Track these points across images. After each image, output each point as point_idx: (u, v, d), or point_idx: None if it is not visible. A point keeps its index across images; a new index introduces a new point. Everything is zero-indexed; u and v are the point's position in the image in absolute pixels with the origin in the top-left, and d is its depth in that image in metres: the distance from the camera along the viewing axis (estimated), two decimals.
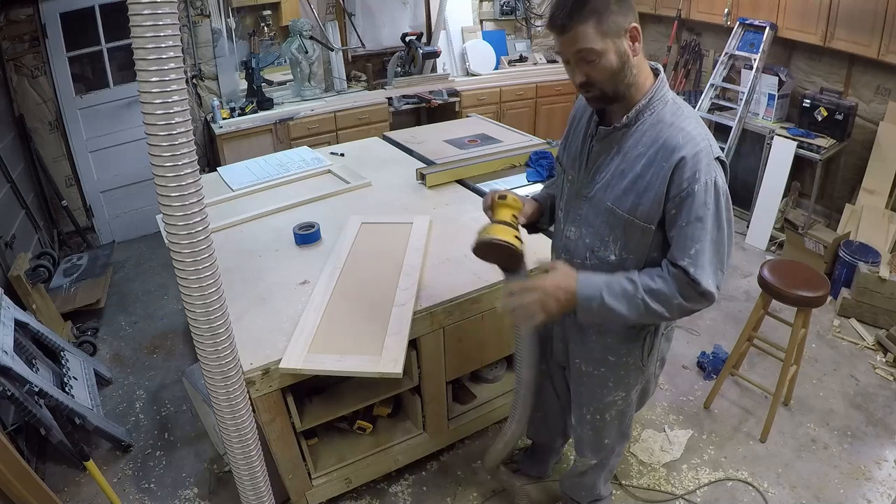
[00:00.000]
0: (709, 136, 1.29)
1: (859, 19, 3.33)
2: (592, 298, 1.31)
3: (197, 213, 1.16)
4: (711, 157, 1.26)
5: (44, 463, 2.38)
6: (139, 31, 1.00)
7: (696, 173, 1.23)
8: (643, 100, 1.30)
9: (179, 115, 1.07)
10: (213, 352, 1.31)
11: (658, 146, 1.28)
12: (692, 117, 1.31)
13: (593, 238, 1.43)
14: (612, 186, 1.36)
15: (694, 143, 1.25)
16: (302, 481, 2.01)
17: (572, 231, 1.48)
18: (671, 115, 1.29)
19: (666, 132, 1.27)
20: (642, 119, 1.31)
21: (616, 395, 1.61)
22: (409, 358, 1.90)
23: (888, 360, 2.86)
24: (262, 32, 4.40)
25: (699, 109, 4.20)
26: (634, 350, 1.53)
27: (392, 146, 3.38)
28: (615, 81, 1.25)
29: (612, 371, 1.57)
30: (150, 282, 3.76)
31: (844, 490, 2.22)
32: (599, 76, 1.24)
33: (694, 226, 1.25)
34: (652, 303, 1.30)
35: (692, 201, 1.24)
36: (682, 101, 1.35)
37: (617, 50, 1.22)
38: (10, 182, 3.38)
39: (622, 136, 1.34)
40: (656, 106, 1.30)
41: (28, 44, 3.66)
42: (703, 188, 1.24)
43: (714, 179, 1.25)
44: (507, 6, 5.29)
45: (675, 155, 1.24)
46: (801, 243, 3.59)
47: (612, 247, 1.40)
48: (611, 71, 1.23)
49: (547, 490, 2.23)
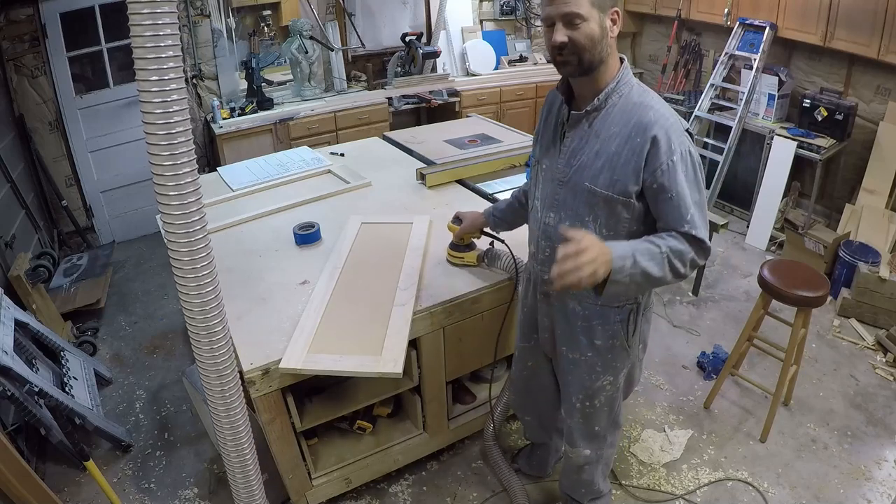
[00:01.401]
0: (674, 113, 1.40)
1: (859, 19, 3.33)
2: (625, 258, 1.30)
3: (195, 212, 1.16)
4: (681, 129, 1.37)
5: (44, 463, 2.38)
6: (138, 31, 1.00)
7: (671, 146, 1.33)
8: (611, 83, 1.39)
9: (178, 115, 1.08)
10: (209, 351, 1.31)
11: (631, 125, 1.37)
12: (656, 97, 1.41)
13: (573, 220, 1.49)
14: (588, 167, 1.43)
15: (664, 118, 1.35)
16: (302, 481, 2.01)
17: (551, 217, 1.53)
18: (638, 97, 1.40)
19: (637, 112, 1.37)
20: (611, 102, 1.40)
21: (604, 380, 1.65)
22: (409, 358, 1.90)
23: (888, 360, 2.86)
24: (262, 32, 4.40)
25: (699, 109, 4.20)
26: (619, 332, 1.57)
27: (392, 146, 3.38)
28: (591, 50, 1.33)
29: (600, 356, 1.61)
30: (150, 282, 3.76)
31: (844, 490, 2.22)
32: (580, 39, 1.32)
33: (681, 195, 1.35)
34: (675, 259, 1.35)
35: (674, 172, 1.34)
36: (645, 85, 1.46)
37: (600, 22, 1.32)
38: (10, 182, 3.39)
39: (593, 120, 1.43)
40: (623, 89, 1.40)
41: (28, 44, 3.66)
42: (680, 158, 1.34)
43: (688, 149, 1.36)
44: (507, 6, 5.29)
45: (649, 132, 1.34)
46: (801, 243, 3.59)
47: (593, 226, 1.46)
48: (590, 37, 1.32)
49: (547, 490, 2.23)
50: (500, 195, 2.61)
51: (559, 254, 1.25)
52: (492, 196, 2.61)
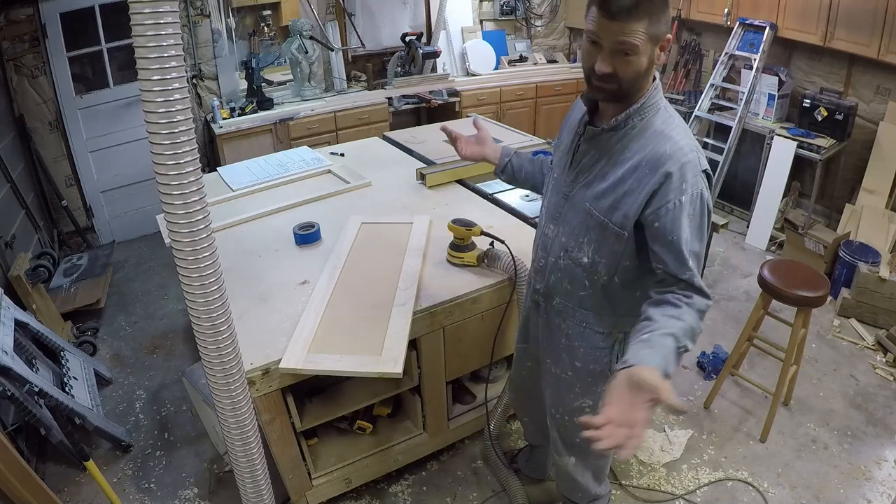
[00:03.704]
0: (697, 148, 1.28)
1: (859, 19, 3.33)
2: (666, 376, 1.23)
3: (199, 212, 1.16)
4: (698, 169, 1.25)
5: (44, 463, 2.38)
6: (140, 31, 1.00)
7: (684, 184, 1.23)
8: (635, 104, 1.28)
9: (181, 114, 1.07)
10: (215, 349, 1.31)
11: (644, 154, 1.27)
12: (681, 127, 1.30)
13: (568, 237, 1.44)
14: (592, 187, 1.36)
15: (682, 153, 1.24)
16: (302, 481, 2.01)
17: (551, 228, 1.50)
18: (661, 123, 1.29)
19: (654, 140, 1.27)
20: (631, 123, 1.30)
21: (583, 402, 1.59)
22: (409, 358, 1.90)
23: (888, 360, 2.86)
24: (262, 32, 4.40)
25: (699, 109, 4.20)
26: (601, 358, 1.51)
27: (392, 146, 3.38)
28: (635, 81, 1.25)
29: (579, 377, 1.56)
30: (150, 282, 3.76)
31: (844, 490, 2.22)
32: (627, 72, 1.22)
33: (682, 240, 1.25)
34: (690, 340, 1.24)
35: (679, 214, 1.24)
36: (673, 109, 1.35)
37: (650, 54, 1.22)
38: (10, 182, 3.38)
39: (609, 139, 1.33)
40: (647, 112, 1.29)
41: (28, 44, 3.66)
42: (689, 200, 1.24)
43: (700, 192, 1.25)
44: (507, 6, 5.29)
45: (662, 166, 1.24)
46: (801, 243, 3.59)
47: (586, 248, 1.40)
48: (638, 71, 1.22)
49: (547, 490, 2.23)
50: (501, 195, 2.62)
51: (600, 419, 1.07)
52: (492, 196, 2.61)
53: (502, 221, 2.36)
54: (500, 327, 1.96)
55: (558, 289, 1.51)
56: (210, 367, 1.34)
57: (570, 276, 1.47)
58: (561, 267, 1.47)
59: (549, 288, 1.54)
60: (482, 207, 2.54)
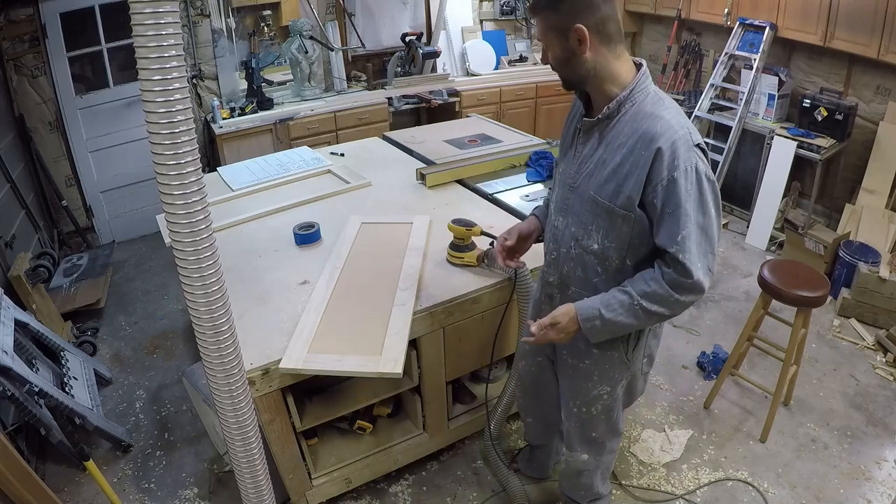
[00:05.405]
0: (688, 125, 1.32)
1: (859, 19, 3.33)
2: (594, 318, 1.41)
3: (199, 212, 1.16)
4: (690, 143, 1.29)
5: (44, 463, 2.38)
6: (141, 31, 1.00)
7: (675, 160, 1.27)
8: (624, 91, 1.34)
9: (181, 113, 1.07)
10: (216, 349, 1.30)
11: (637, 135, 1.32)
12: (672, 107, 1.34)
13: (577, 227, 1.48)
14: (594, 176, 1.41)
15: (672, 130, 1.28)
16: (302, 481, 2.01)
17: (560, 220, 1.54)
18: (651, 106, 1.33)
19: (645, 122, 1.32)
20: (623, 110, 1.35)
21: (601, 389, 1.64)
22: (409, 358, 1.90)
23: (888, 360, 2.86)
24: (262, 32, 4.40)
25: (699, 109, 4.20)
26: (618, 344, 1.55)
27: (392, 146, 3.38)
28: (565, 70, 1.37)
29: (597, 364, 1.60)
30: (150, 282, 3.76)
31: (844, 490, 2.22)
32: (551, 62, 1.38)
33: (678, 213, 1.29)
34: (650, 305, 1.35)
35: (674, 188, 1.28)
36: (664, 93, 1.39)
37: (562, 45, 1.33)
38: (10, 182, 3.38)
39: (605, 127, 1.39)
40: (637, 97, 1.35)
41: (28, 44, 3.66)
42: (684, 174, 1.27)
43: (694, 165, 1.28)
44: (507, 6, 5.29)
45: (654, 144, 1.28)
46: (801, 243, 3.59)
47: (595, 235, 1.44)
48: (557, 59, 1.36)
49: (547, 490, 2.23)
50: (501, 195, 2.62)
51: (533, 328, 1.46)
52: (492, 196, 2.61)
53: (502, 221, 2.35)
54: (500, 327, 1.95)
55: (573, 278, 1.54)
56: (211, 366, 1.34)
57: (582, 264, 1.50)
58: (573, 256, 1.51)
59: (564, 278, 1.57)
60: (482, 207, 2.54)
